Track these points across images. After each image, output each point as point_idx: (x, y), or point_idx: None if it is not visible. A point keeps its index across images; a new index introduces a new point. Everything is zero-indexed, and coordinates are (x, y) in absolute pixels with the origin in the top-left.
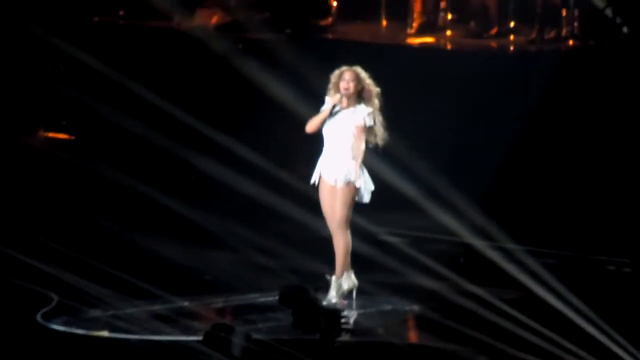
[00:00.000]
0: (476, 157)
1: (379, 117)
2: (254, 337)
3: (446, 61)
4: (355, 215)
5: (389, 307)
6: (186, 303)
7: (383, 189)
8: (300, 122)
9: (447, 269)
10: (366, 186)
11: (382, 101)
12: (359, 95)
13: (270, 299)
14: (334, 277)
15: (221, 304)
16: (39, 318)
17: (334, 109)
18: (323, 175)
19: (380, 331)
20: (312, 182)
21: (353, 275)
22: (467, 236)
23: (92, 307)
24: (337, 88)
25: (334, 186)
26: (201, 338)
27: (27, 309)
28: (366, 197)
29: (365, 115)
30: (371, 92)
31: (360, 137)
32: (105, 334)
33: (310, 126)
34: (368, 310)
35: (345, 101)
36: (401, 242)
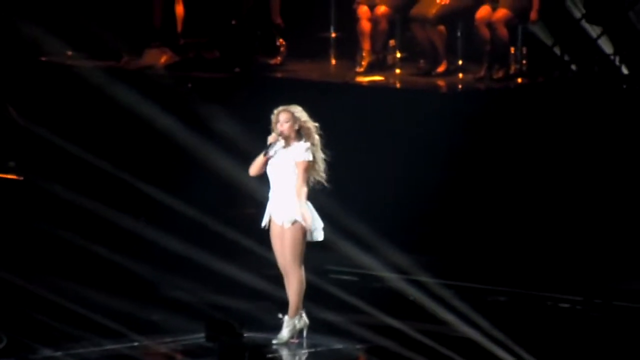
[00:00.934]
0: (421, 194)
1: (319, 152)
2: None
3: (395, 100)
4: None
5: (340, 346)
6: (136, 343)
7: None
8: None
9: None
10: (315, 224)
11: (323, 137)
12: (299, 133)
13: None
14: (286, 317)
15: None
16: None
17: (269, 147)
18: (272, 216)
19: None
20: (262, 225)
21: (305, 315)
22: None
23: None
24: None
25: (282, 227)
26: None
27: None
28: (318, 235)
29: (303, 151)
30: (309, 128)
31: (300, 173)
32: None
33: (252, 169)
34: (319, 349)
35: (284, 141)
36: (351, 279)
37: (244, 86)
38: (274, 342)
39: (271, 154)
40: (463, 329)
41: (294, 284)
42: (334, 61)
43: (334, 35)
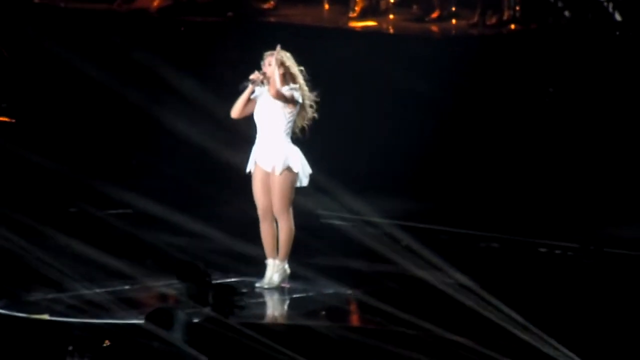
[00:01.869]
0: (413, 139)
1: (307, 99)
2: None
3: (388, 45)
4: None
5: (331, 291)
6: (127, 286)
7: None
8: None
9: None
10: (304, 170)
11: (311, 82)
12: (285, 78)
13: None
14: (275, 261)
15: (162, 288)
16: None
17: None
18: (258, 162)
19: (322, 314)
20: (247, 170)
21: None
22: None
23: (33, 290)
24: None
25: (268, 173)
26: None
27: None
28: (305, 181)
29: (286, 90)
30: (294, 74)
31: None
32: (46, 317)
33: (234, 111)
34: (310, 294)
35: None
36: (342, 225)
37: (237, 30)
38: (264, 286)
39: (256, 93)
40: (455, 275)
41: (285, 232)
42: (327, 6)
43: None
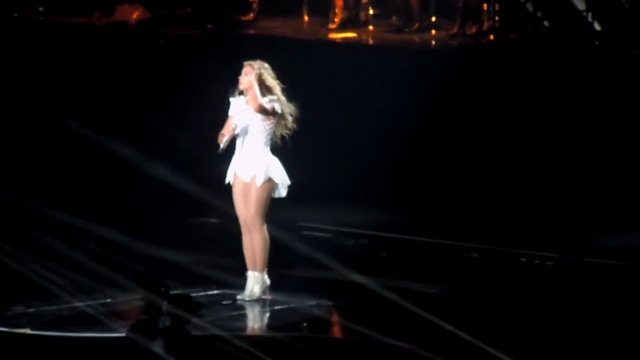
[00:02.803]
0: (393, 151)
1: (286, 107)
2: (177, 332)
3: (368, 56)
4: (276, 209)
5: (312, 302)
6: (109, 300)
7: (299, 183)
8: (219, 118)
9: (370, 263)
10: (283, 181)
11: (288, 92)
12: (267, 89)
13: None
14: (254, 273)
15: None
16: None
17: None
18: (238, 173)
19: (304, 325)
20: (227, 181)
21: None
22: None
23: (15, 304)
24: None
25: (248, 183)
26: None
27: None
28: (283, 192)
29: (266, 102)
30: (269, 86)
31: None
32: (28, 331)
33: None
34: (291, 306)
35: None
36: (323, 236)
37: (216, 43)
38: (245, 298)
39: (232, 106)
40: (436, 286)
41: (259, 242)
42: (306, 18)
43: None
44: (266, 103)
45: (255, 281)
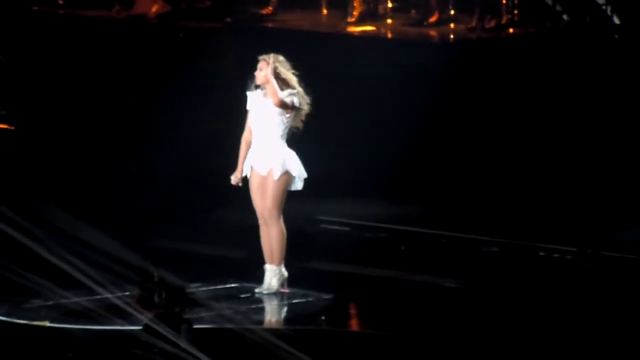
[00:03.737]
0: (413, 144)
1: (303, 99)
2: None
3: (386, 50)
4: (294, 202)
5: (330, 296)
6: (127, 293)
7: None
8: (237, 111)
9: (388, 257)
10: (300, 174)
11: (303, 83)
12: (284, 82)
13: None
14: (272, 266)
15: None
16: None
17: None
18: (254, 166)
19: (322, 319)
20: (243, 174)
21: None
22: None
23: (34, 297)
24: None
25: (264, 177)
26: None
27: None
28: (299, 185)
29: (286, 96)
30: (286, 79)
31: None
32: (47, 323)
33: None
34: (310, 299)
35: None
36: (341, 229)
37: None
38: (263, 291)
39: (249, 99)
40: (453, 280)
41: (276, 235)
42: (325, 11)
43: None
44: (286, 97)
45: (273, 274)
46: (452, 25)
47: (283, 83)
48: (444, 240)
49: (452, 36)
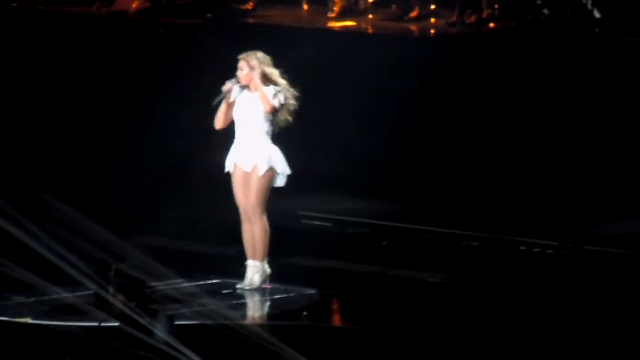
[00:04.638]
0: (393, 140)
1: (289, 94)
2: (176, 321)
3: (367, 45)
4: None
5: (313, 291)
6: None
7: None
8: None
9: (370, 252)
10: (284, 171)
11: (289, 80)
12: (267, 79)
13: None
14: (255, 262)
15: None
16: None
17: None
18: (238, 162)
19: (304, 314)
20: (226, 170)
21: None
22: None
23: (15, 294)
24: None
25: (248, 173)
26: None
27: None
28: (282, 181)
29: (273, 96)
30: (269, 75)
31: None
32: (29, 320)
33: (217, 123)
34: (292, 295)
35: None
36: (323, 225)
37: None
38: (245, 287)
39: (232, 100)
40: (435, 275)
41: (259, 231)
42: (306, 7)
43: None
44: (273, 99)
45: (256, 270)
46: (433, 20)
47: (267, 80)
48: (428, 235)
49: (433, 31)
